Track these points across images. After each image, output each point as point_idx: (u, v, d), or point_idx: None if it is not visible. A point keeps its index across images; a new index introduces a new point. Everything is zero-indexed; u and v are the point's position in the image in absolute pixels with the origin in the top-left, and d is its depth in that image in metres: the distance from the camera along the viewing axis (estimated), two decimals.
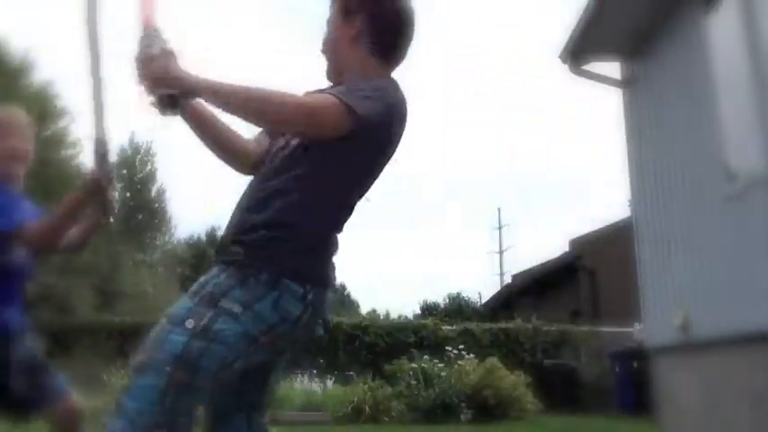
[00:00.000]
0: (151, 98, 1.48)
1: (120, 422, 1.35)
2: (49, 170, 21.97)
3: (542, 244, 54.66)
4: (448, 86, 65.42)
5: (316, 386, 11.27)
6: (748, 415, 4.27)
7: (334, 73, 1.66)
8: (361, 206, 1.63)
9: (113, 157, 2.00)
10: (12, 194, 2.16)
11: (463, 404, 8.74)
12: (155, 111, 1.49)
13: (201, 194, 62.98)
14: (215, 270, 1.47)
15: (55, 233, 2.09)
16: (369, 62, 1.61)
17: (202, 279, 1.46)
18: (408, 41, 1.66)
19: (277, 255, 1.44)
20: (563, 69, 6.11)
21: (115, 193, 2.08)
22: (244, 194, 1.58)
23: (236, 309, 1.39)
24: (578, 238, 16.06)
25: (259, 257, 1.44)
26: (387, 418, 8.49)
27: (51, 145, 23.19)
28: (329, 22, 1.67)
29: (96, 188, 1.99)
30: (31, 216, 2.15)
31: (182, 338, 1.37)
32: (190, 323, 1.38)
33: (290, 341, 1.53)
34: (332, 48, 1.66)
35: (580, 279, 15.56)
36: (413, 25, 1.66)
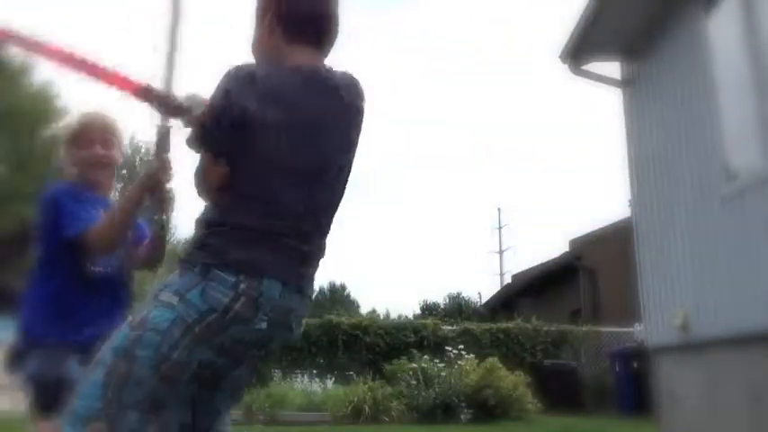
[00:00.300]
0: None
1: (64, 417, 1.41)
2: (49, 170, 21.98)
3: (542, 244, 54.68)
4: (448, 86, 65.35)
5: (316, 386, 11.28)
6: (748, 414, 4.27)
7: None
8: (363, 207, 1.61)
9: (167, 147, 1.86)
10: (83, 201, 2.05)
11: (463, 404, 8.74)
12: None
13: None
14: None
15: (112, 233, 1.96)
16: (282, 50, 1.65)
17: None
18: (317, 17, 1.69)
19: (210, 248, 1.48)
20: (563, 69, 6.11)
21: (172, 190, 1.92)
22: None
23: (172, 299, 1.43)
24: (578, 238, 16.05)
25: (195, 253, 1.49)
26: (387, 418, 8.49)
27: (51, 145, 23.19)
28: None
29: (155, 179, 1.89)
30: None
31: (122, 333, 1.45)
32: (130, 318, 1.48)
33: (238, 342, 1.47)
34: (254, 48, 1.73)
35: (580, 279, 15.55)
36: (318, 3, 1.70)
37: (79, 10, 37.18)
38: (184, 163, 1.68)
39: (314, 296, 1.71)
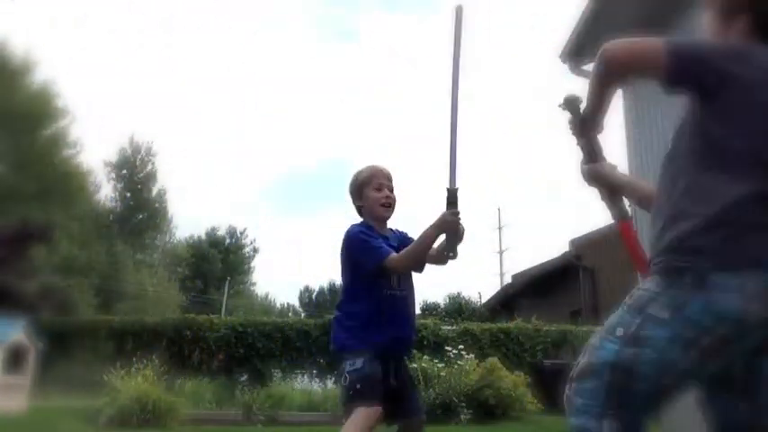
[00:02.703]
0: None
1: (573, 417, 1.52)
2: (48, 169, 21.98)
3: (542, 244, 54.67)
4: (447, 85, 65.10)
5: (316, 386, 11.29)
6: None
7: None
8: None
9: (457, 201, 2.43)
10: (378, 235, 2.64)
11: (463, 404, 8.73)
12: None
13: (202, 195, 62.93)
14: (646, 281, 1.52)
15: (415, 260, 2.57)
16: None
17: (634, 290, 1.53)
18: None
19: (696, 249, 1.41)
20: (563, 69, 6.11)
21: (464, 230, 2.49)
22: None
23: (664, 314, 1.42)
24: (578, 238, 16.05)
25: (683, 259, 1.43)
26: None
27: (51, 145, 23.19)
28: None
29: (448, 227, 2.43)
30: (391, 247, 2.59)
31: (614, 346, 1.47)
32: (620, 331, 1.48)
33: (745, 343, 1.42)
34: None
35: (580, 279, 15.56)
36: None
37: None
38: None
39: (313, 296, 1.72)
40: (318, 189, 67.79)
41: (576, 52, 6.00)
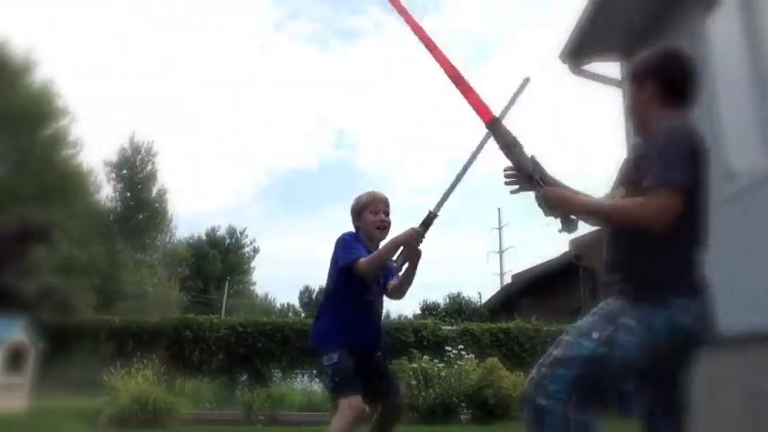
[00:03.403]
0: (554, 218, 2.10)
1: (540, 397, 1.79)
2: (48, 169, 21.98)
3: (542, 244, 54.66)
4: (448, 86, 65.10)
5: (316, 386, 11.28)
6: (748, 415, 4.27)
7: (638, 128, 2.19)
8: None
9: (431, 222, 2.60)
10: (364, 246, 2.88)
11: (463, 404, 8.73)
12: (559, 227, 2.13)
13: (202, 195, 62.92)
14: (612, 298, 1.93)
15: (376, 266, 2.77)
16: (662, 114, 2.06)
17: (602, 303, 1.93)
18: (696, 82, 2.11)
19: (662, 277, 1.92)
20: (563, 69, 6.11)
21: (420, 253, 2.70)
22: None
23: (633, 324, 1.81)
24: (578, 238, 16.01)
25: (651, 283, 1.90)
26: None
27: (51, 145, 23.19)
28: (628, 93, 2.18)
29: (409, 242, 2.61)
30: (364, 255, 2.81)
31: (590, 344, 1.81)
32: (595, 335, 1.83)
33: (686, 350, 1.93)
34: (632, 111, 2.19)
35: (580, 279, 15.55)
36: (696, 70, 2.11)
37: None
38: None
39: (313, 296, 1.81)
40: (318, 189, 67.82)
41: (576, 52, 5.99)
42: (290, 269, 69.39)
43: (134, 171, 36.98)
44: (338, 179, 66.50)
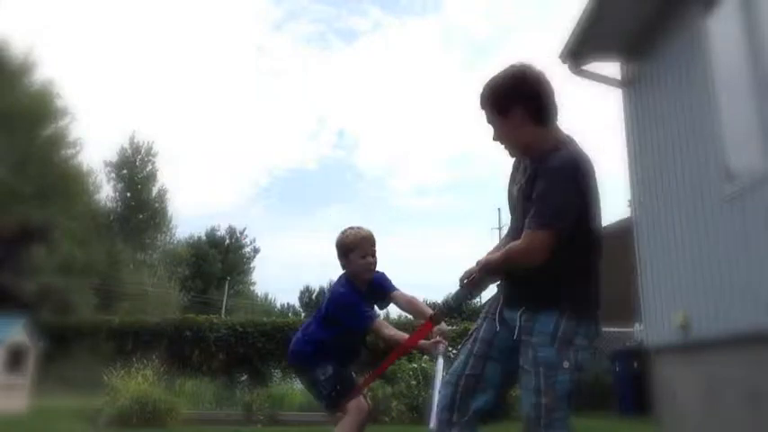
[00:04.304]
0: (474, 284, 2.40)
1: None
2: (48, 169, 21.97)
3: None
4: (448, 85, 65.31)
5: None
6: (748, 415, 4.27)
7: (520, 152, 2.24)
8: (361, 207, 1.62)
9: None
10: (359, 292, 2.95)
11: None
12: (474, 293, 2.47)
13: (202, 195, 62.87)
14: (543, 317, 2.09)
15: (387, 339, 2.87)
16: (537, 133, 2.14)
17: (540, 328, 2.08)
18: (553, 95, 2.18)
19: (594, 301, 2.26)
20: (563, 69, 6.10)
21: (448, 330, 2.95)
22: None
23: (585, 342, 2.09)
24: None
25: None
26: (387, 418, 8.48)
27: (51, 145, 23.18)
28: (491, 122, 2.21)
29: (428, 350, 2.86)
30: (367, 295, 2.98)
31: (567, 377, 2.02)
32: (566, 364, 2.02)
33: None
34: (506, 139, 2.22)
35: None
36: (549, 84, 2.17)
37: None
38: None
39: (313, 296, 1.82)
40: (318, 189, 67.81)
41: (576, 52, 5.99)
42: (289, 269, 69.42)
43: (134, 171, 36.99)
44: (338, 179, 66.60)
